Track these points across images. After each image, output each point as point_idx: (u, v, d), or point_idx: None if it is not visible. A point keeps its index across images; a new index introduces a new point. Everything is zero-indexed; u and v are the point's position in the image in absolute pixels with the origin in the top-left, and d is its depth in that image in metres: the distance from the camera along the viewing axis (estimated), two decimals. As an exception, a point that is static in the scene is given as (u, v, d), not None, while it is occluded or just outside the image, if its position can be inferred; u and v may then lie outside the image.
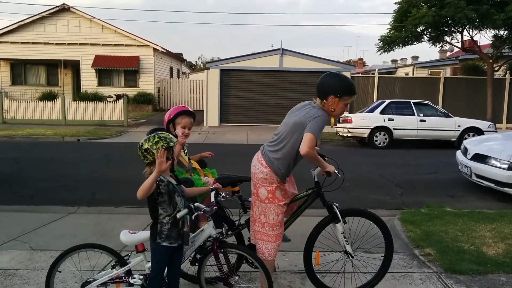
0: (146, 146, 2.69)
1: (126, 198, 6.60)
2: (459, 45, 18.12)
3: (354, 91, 3.06)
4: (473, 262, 3.94)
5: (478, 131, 13.13)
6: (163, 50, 25.67)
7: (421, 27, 16.98)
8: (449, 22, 16.64)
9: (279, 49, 19.29)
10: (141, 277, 2.88)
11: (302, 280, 3.63)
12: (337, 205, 3.25)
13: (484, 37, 47.37)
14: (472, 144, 7.69)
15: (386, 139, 13.18)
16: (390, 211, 5.96)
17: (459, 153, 7.87)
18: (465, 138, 12.10)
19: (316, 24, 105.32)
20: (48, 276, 2.97)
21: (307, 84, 19.40)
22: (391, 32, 17.82)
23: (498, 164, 6.55)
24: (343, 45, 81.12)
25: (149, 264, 2.86)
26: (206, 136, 15.77)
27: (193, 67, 48.72)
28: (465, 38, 17.66)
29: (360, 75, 22.69)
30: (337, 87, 2.99)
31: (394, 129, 13.14)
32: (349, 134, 13.41)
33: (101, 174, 8.58)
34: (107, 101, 20.48)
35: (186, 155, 3.43)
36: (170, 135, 2.78)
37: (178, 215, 2.66)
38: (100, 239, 4.65)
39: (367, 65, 48.67)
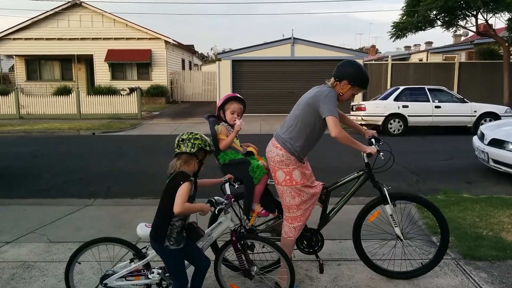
0: (185, 136, 2.72)
1: (141, 190, 6.67)
2: (474, 29, 17.72)
3: (366, 86, 3.16)
4: (492, 248, 3.89)
5: (495, 116, 12.89)
6: (174, 43, 25.71)
7: (434, 12, 16.64)
8: (463, 5, 16.26)
9: (290, 38, 19.13)
10: (160, 270, 2.88)
11: (318, 268, 3.62)
12: (388, 187, 3.32)
13: (500, 20, 46.08)
14: (489, 129, 7.54)
15: (400, 126, 13.02)
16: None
17: (475, 139, 7.73)
18: (482, 124, 11.88)
19: (327, 12, 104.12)
20: (67, 268, 3.01)
21: (319, 73, 19.23)
22: (404, 18, 17.51)
23: (516, 149, 6.42)
24: (355, 33, 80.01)
25: None
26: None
27: (205, 59, 48.67)
28: (479, 21, 17.25)
29: (373, 62, 22.42)
30: (355, 75, 3.08)
31: (408, 116, 12.96)
32: (363, 122, 13.26)
33: (116, 167, 8.67)
34: (121, 95, 20.61)
35: (237, 139, 3.51)
36: (209, 141, 2.78)
37: (217, 211, 2.76)
38: (116, 231, 4.70)
39: (380, 52, 48.01)
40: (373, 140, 3.41)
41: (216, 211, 2.78)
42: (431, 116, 13.02)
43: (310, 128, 3.09)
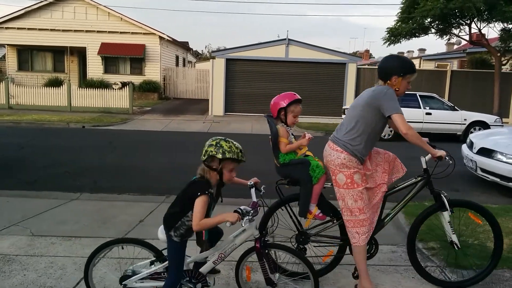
0: (211, 142, 2.62)
1: (129, 186, 6.61)
2: (467, 37, 17.88)
3: (415, 70, 3.14)
4: (477, 257, 3.89)
5: (484, 125, 13.01)
6: (169, 39, 25.55)
7: (429, 19, 16.76)
8: (457, 14, 16.39)
9: (285, 39, 19.13)
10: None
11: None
12: (446, 194, 3.31)
13: (493, 30, 46.63)
14: (478, 138, 7.60)
15: (391, 131, 13.07)
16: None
17: (464, 147, 7.78)
18: (471, 132, 11.99)
19: (322, 15, 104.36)
20: (87, 267, 2.96)
21: (313, 75, 19.29)
22: (398, 24, 17.60)
23: (504, 159, 6.48)
24: (349, 36, 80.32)
25: (189, 259, 2.86)
26: (211, 125, 15.74)
27: (199, 56, 48.51)
28: (473, 31, 17.41)
29: (366, 66, 22.49)
30: (399, 67, 3.08)
31: (399, 121, 12.97)
32: (354, 126, 13.31)
33: (104, 161, 8.59)
34: (113, 89, 20.44)
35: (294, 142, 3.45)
36: (232, 147, 2.61)
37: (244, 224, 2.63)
38: (102, 226, 4.65)
39: (373, 57, 48.26)
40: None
41: (243, 223, 2.63)
42: (422, 122, 13.10)
43: (371, 128, 3.09)
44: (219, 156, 2.55)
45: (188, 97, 26.20)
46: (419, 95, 13.67)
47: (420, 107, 13.25)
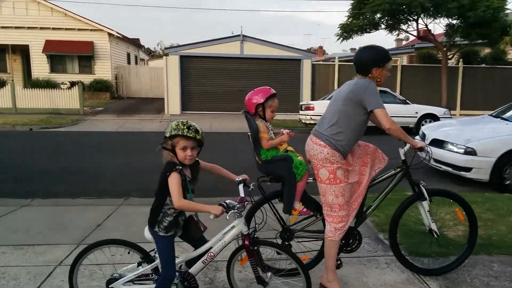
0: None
1: (84, 189, 6.34)
2: (415, 33, 18.60)
3: (390, 56, 3.13)
4: (435, 245, 4.02)
5: (434, 118, 13.58)
6: (119, 35, 24.80)
7: (379, 15, 17.28)
8: (405, 10, 17.01)
9: (239, 35, 19.07)
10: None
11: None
12: (424, 184, 3.36)
13: (439, 26, 48.88)
14: (430, 130, 7.90)
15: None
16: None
17: (417, 139, 8.06)
18: (423, 124, 12.45)
19: (275, 10, 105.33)
20: (71, 272, 2.83)
21: (269, 71, 19.36)
22: (350, 20, 18.02)
23: (455, 149, 6.76)
24: (303, 33, 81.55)
25: (178, 260, 2.77)
26: (168, 125, 15.43)
27: (151, 54, 47.44)
28: (420, 26, 18.13)
29: (321, 62, 22.89)
30: (376, 57, 3.05)
31: (354, 115, 13.28)
32: (312, 122, 13.46)
33: (56, 165, 8.18)
34: (61, 89, 19.58)
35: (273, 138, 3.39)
36: (179, 125, 2.55)
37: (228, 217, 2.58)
38: (56, 232, 4.41)
39: (327, 53, 49.18)
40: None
41: (227, 216, 2.59)
42: (376, 116, 13.46)
43: (354, 122, 3.05)
44: (167, 134, 2.56)
45: (142, 96, 25.55)
46: (372, 89, 14.03)
47: (373, 101, 13.59)
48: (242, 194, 2.78)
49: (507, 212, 5.15)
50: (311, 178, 3.29)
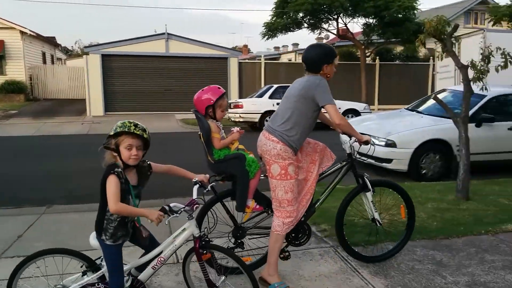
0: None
1: (0, 199, 5.83)
2: (336, 32, 19.45)
3: (336, 53, 3.27)
4: (364, 234, 4.23)
5: (355, 113, 14.28)
6: (32, 33, 23.11)
7: (301, 14, 17.83)
8: (326, 9, 17.73)
9: (164, 33, 18.66)
10: None
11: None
12: (368, 175, 3.51)
13: (357, 25, 51.69)
14: (352, 124, 8.25)
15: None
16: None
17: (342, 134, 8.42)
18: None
19: (197, 8, 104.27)
20: (9, 285, 2.64)
21: (195, 70, 19.16)
22: (274, 19, 18.40)
23: (377, 142, 7.15)
24: (227, 32, 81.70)
25: (126, 267, 2.63)
26: (90, 127, 14.66)
27: (69, 53, 44.78)
28: (340, 25, 19.00)
29: (247, 61, 23.11)
30: (326, 55, 3.17)
31: (282, 112, 13.59)
32: (241, 119, 13.57)
33: (-36, 175, 7.42)
34: (-34, 91, 17.83)
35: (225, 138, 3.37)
36: (125, 123, 2.46)
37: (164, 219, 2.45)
38: (-31, 251, 4.00)
39: (252, 52, 49.77)
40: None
41: (167, 221, 2.47)
42: (303, 112, 13.86)
43: (306, 118, 3.13)
44: (111, 133, 2.45)
45: (60, 97, 24.06)
46: (298, 86, 14.43)
47: (299, 98, 13.97)
48: (194, 196, 2.70)
49: (425, 199, 5.56)
50: (263, 175, 3.34)
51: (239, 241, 3.44)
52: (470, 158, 5.55)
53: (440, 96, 7.88)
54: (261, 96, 14.07)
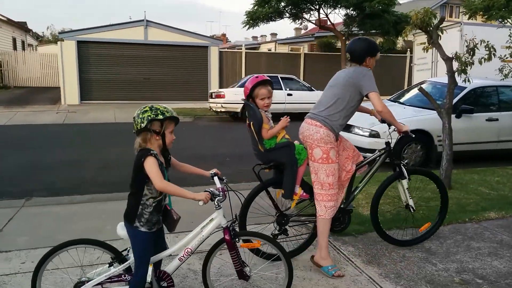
0: (135, 113, 2.46)
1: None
2: (317, 22, 19.45)
3: (379, 47, 3.52)
4: (353, 223, 4.25)
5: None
6: (2, 18, 22.33)
7: (283, 4, 17.74)
8: (307, 0, 17.70)
9: (142, 20, 18.24)
10: None
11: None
12: (405, 163, 3.68)
13: (338, 16, 51.96)
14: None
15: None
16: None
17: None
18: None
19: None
20: (34, 277, 2.58)
21: (175, 58, 18.84)
22: (255, 8, 18.23)
23: (361, 132, 7.23)
24: (205, 21, 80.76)
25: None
26: (66, 116, 14.26)
27: (40, 39, 43.30)
28: (321, 16, 19.00)
29: (228, 50, 22.89)
30: (370, 48, 3.39)
31: (263, 102, 13.54)
32: (223, 109, 13.44)
33: None
34: None
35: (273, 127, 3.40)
36: (166, 108, 2.48)
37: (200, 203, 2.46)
38: None
39: (230, 41, 49.41)
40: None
41: (216, 202, 2.52)
42: (284, 103, 13.83)
43: (349, 106, 3.31)
44: (160, 117, 2.42)
45: (32, 85, 23.31)
46: (280, 77, 14.41)
47: (282, 89, 13.95)
48: (219, 185, 2.67)
49: (409, 188, 5.63)
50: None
51: (284, 228, 3.50)
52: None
53: (421, 87, 7.99)
54: (242, 86, 13.92)
